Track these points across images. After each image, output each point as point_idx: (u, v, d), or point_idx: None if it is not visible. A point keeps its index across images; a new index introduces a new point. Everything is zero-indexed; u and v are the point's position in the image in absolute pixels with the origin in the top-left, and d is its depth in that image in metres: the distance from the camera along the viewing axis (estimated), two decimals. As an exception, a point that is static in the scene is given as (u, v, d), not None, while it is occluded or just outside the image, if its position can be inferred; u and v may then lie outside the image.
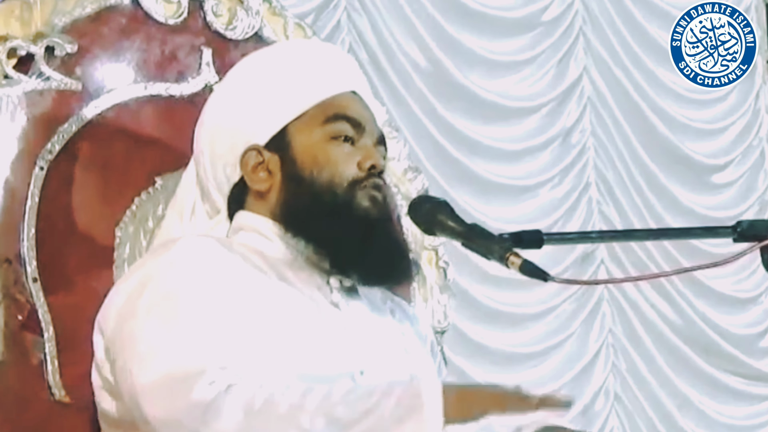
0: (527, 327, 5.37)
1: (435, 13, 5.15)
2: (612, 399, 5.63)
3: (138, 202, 2.41)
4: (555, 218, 5.45)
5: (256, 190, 2.01)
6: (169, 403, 1.76)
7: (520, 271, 1.82)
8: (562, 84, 5.58)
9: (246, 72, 2.09)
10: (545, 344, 5.41)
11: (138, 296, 1.89)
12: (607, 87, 5.68)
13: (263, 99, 2.02)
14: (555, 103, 5.55)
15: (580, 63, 5.64)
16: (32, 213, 2.29)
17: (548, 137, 5.52)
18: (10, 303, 2.25)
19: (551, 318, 5.43)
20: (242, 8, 2.61)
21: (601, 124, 5.66)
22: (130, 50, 2.46)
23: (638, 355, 5.69)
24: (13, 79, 2.31)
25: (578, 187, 5.59)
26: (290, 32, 2.66)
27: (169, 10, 2.51)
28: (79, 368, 2.17)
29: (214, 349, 1.79)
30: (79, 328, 2.21)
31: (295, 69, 2.04)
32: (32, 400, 2.26)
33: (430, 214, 1.96)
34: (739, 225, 1.90)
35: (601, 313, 5.62)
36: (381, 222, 1.97)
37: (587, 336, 5.57)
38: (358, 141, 2.00)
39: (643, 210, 5.68)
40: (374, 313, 2.00)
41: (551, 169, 5.50)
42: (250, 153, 2.01)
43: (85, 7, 2.41)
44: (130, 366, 1.83)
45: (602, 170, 5.67)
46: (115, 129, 2.41)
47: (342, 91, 2.03)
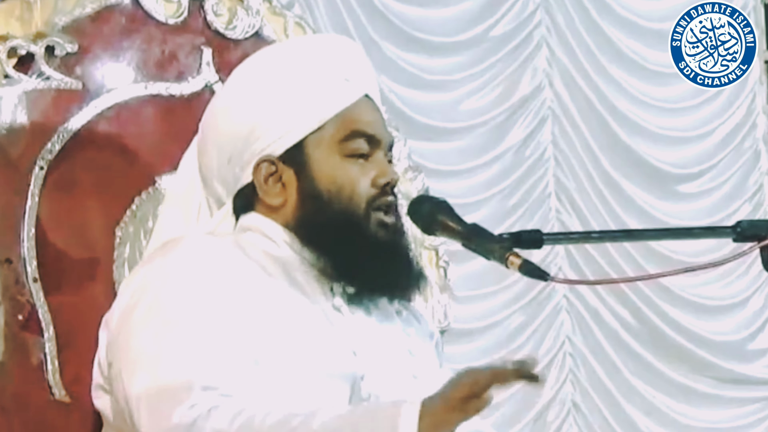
0: (475, 340, 5.34)
1: (375, 35, 5.16)
2: (569, 408, 5.61)
3: (138, 201, 2.41)
4: (506, 227, 5.41)
5: (269, 204, 2.00)
6: (154, 422, 1.77)
7: (520, 271, 1.82)
8: (511, 99, 5.57)
9: (265, 70, 2.06)
10: (493, 355, 5.36)
11: (138, 300, 1.89)
12: (570, 97, 5.67)
13: (281, 108, 2.00)
14: (503, 117, 5.54)
15: (538, 75, 5.63)
16: (32, 213, 2.29)
17: (498, 152, 5.50)
18: (10, 303, 2.25)
19: (500, 330, 5.41)
20: (242, 8, 2.61)
21: (563, 135, 5.65)
22: (130, 50, 2.46)
23: (598, 363, 5.67)
24: (13, 78, 2.31)
25: (531, 197, 5.55)
26: (290, 31, 2.66)
27: (169, 9, 2.51)
28: (80, 368, 2.17)
29: (202, 365, 1.79)
30: (80, 328, 2.21)
31: (312, 74, 2.02)
32: (32, 400, 2.26)
33: (430, 214, 1.96)
34: (739, 225, 1.89)
35: (559, 322, 5.60)
36: (390, 244, 1.98)
37: (539, 345, 5.54)
38: (372, 155, 2.00)
39: (607, 218, 5.66)
40: (379, 315, 1.99)
41: (501, 182, 5.48)
42: (264, 164, 2.00)
43: (85, 7, 2.41)
44: (123, 373, 1.84)
45: (563, 180, 5.65)
46: (116, 129, 2.41)
47: (358, 97, 2.03)
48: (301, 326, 1.89)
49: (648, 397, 5.75)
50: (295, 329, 1.88)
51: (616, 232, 4.99)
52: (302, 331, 1.89)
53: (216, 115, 2.07)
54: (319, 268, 1.95)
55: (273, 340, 1.85)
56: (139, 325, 1.86)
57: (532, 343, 5.50)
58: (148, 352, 1.82)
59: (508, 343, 5.41)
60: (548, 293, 5.45)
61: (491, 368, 1.64)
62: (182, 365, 1.79)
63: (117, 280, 2.35)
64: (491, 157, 5.48)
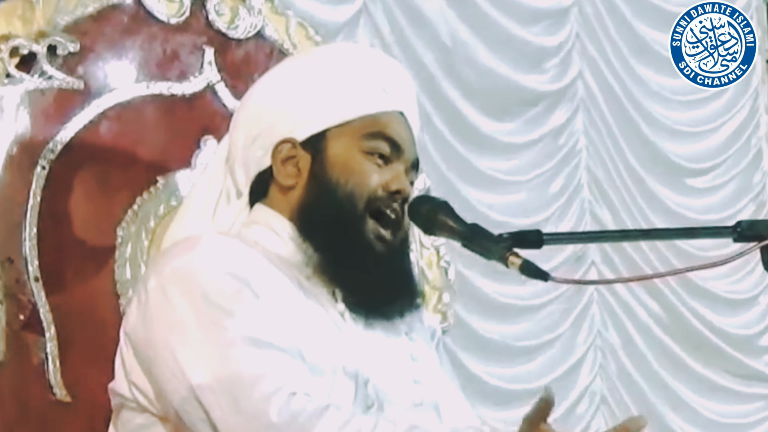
0: (520, 321, 5.37)
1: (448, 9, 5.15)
2: (598, 401, 5.62)
3: (140, 201, 2.41)
4: (546, 215, 5.44)
5: (281, 183, 2.00)
6: (235, 410, 1.75)
7: (520, 271, 1.82)
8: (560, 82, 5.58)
9: (306, 63, 2.07)
10: (537, 340, 5.40)
11: (172, 297, 1.85)
12: (599, 90, 5.68)
13: (313, 96, 2.00)
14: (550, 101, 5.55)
15: (576, 65, 5.64)
16: (34, 212, 2.30)
17: (541, 133, 5.52)
18: (11, 302, 2.25)
19: (542, 314, 5.43)
20: (244, 7, 2.61)
21: (593, 126, 5.66)
22: (132, 49, 2.46)
23: (628, 357, 5.68)
24: (15, 78, 2.31)
25: (570, 186, 5.58)
26: (292, 31, 2.66)
27: (171, 9, 2.52)
28: (81, 368, 2.17)
29: (267, 356, 1.79)
30: (81, 328, 2.21)
31: (352, 75, 2.03)
32: (33, 399, 2.26)
33: (430, 214, 1.96)
34: (739, 225, 1.89)
35: (590, 315, 5.62)
36: (385, 259, 1.97)
37: (575, 338, 5.56)
38: (392, 162, 2.00)
39: (634, 212, 5.68)
40: (380, 319, 1.99)
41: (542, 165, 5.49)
42: (284, 145, 2.01)
43: (87, 6, 2.41)
44: (182, 368, 1.80)
45: (594, 171, 5.67)
46: (117, 128, 2.41)
47: (390, 109, 2.03)
48: (313, 326, 1.89)
49: (677, 392, 5.76)
50: (309, 328, 1.88)
51: (616, 232, 4.99)
52: (315, 331, 1.89)
53: (251, 97, 2.08)
54: (319, 267, 1.95)
55: (299, 337, 1.86)
56: (185, 317, 1.83)
57: (567, 335, 5.51)
58: (205, 341, 1.80)
59: (543, 334, 5.42)
60: (579, 287, 5.46)
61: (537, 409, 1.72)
62: (249, 353, 1.78)
63: (118, 280, 2.35)
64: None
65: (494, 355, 5.19)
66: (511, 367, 5.25)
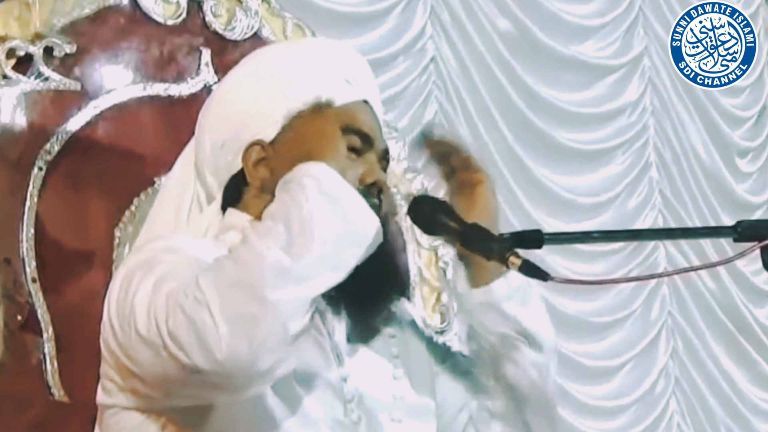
0: (596, 299, 5.39)
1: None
2: (673, 383, 5.64)
3: (137, 202, 2.41)
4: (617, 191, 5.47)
5: (255, 186, 1.99)
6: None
7: (520, 272, 1.81)
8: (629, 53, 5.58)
9: (264, 62, 2.06)
10: (611, 317, 5.42)
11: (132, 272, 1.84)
12: (664, 68, 5.67)
13: (276, 95, 2.00)
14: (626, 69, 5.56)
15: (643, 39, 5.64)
16: (31, 213, 2.30)
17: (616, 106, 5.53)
18: (9, 303, 2.25)
19: (610, 295, 5.44)
20: (241, 9, 2.61)
21: (662, 105, 5.67)
22: (129, 51, 2.46)
23: (696, 338, 5.71)
24: (12, 79, 2.31)
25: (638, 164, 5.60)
26: (289, 32, 2.66)
27: (168, 10, 2.52)
28: (79, 368, 2.17)
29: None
30: (79, 329, 2.21)
31: (312, 69, 2.02)
32: (32, 400, 2.26)
33: (430, 214, 1.95)
34: (740, 225, 1.89)
35: (661, 295, 5.65)
36: None
37: (647, 315, 5.60)
38: (364, 154, 1.99)
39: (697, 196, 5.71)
40: (363, 313, 1.97)
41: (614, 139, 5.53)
42: (254, 148, 2.00)
43: (83, 8, 2.41)
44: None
45: (661, 151, 5.69)
46: (114, 129, 2.41)
47: (356, 99, 2.02)
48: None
49: (738, 381, 5.80)
50: None
51: (615, 233, 4.99)
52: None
53: (213, 102, 2.07)
54: None
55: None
56: (135, 274, 1.80)
57: (640, 311, 5.53)
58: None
59: (618, 310, 5.44)
60: (652, 262, 5.48)
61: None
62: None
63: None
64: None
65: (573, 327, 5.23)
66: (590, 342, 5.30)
